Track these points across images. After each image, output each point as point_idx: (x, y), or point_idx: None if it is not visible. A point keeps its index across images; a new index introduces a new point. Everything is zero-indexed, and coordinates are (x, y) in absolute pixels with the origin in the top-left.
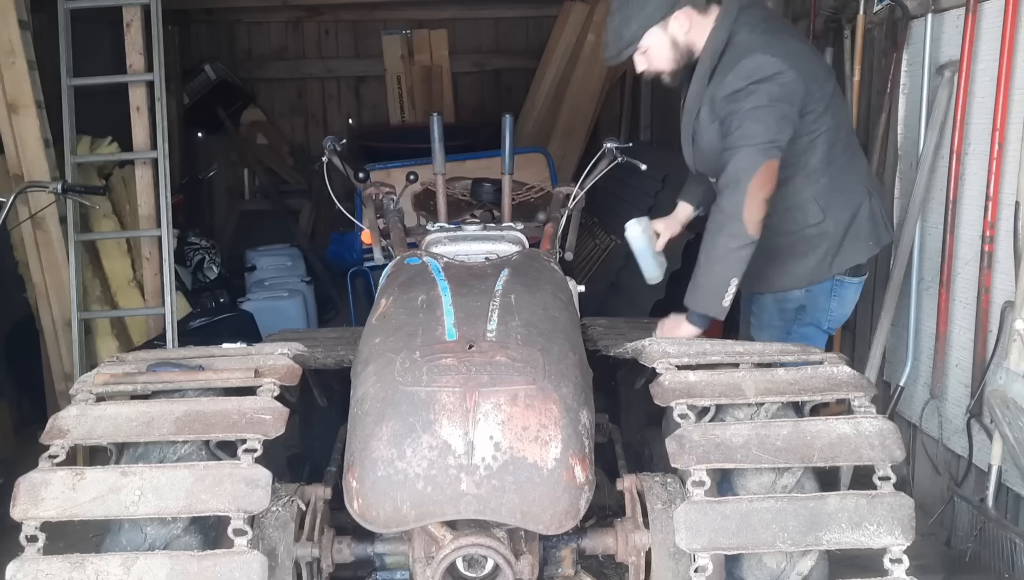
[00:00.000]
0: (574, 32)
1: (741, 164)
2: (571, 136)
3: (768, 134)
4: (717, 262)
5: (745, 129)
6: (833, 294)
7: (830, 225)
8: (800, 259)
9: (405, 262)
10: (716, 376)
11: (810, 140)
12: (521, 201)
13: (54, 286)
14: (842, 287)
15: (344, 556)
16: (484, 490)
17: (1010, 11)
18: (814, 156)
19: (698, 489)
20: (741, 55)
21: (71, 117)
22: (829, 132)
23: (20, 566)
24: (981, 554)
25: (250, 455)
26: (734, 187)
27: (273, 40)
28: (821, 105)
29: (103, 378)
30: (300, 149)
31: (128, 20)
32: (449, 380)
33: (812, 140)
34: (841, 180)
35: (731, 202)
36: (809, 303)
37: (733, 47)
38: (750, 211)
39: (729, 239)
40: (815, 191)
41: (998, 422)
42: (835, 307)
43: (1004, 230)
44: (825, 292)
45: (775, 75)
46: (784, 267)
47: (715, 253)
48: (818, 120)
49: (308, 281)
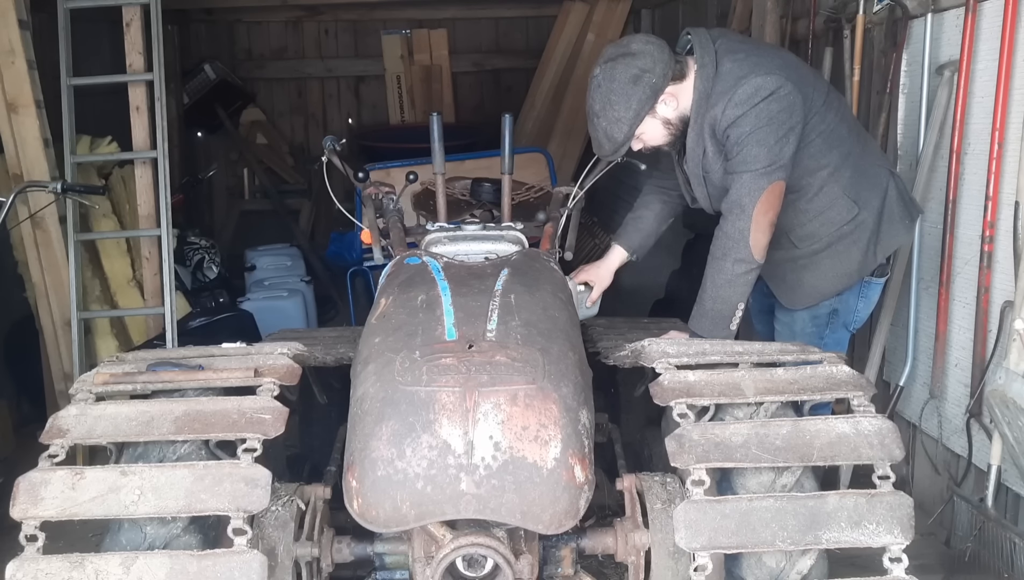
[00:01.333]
0: (574, 32)
1: (744, 188)
2: (571, 136)
3: (770, 156)
4: (723, 288)
5: (746, 154)
6: (860, 295)
7: (865, 215)
8: (844, 259)
9: (405, 262)
10: (715, 376)
11: (823, 140)
12: (521, 201)
13: (54, 286)
14: (868, 288)
15: (344, 556)
16: (484, 490)
17: (1010, 11)
18: (832, 153)
19: (698, 488)
20: (733, 83)
21: (71, 117)
22: (837, 126)
23: (20, 565)
24: (980, 554)
25: (250, 455)
26: (739, 213)
27: (273, 40)
28: (820, 103)
29: (103, 378)
30: (300, 149)
31: (128, 20)
32: (449, 380)
33: (825, 139)
34: (863, 168)
35: (735, 227)
36: (841, 306)
37: (721, 78)
38: (755, 236)
39: (735, 264)
40: (843, 186)
41: (997, 422)
42: (861, 308)
43: (1004, 230)
44: (854, 293)
45: (773, 92)
46: (832, 272)
47: (720, 278)
48: (824, 119)
49: (308, 281)
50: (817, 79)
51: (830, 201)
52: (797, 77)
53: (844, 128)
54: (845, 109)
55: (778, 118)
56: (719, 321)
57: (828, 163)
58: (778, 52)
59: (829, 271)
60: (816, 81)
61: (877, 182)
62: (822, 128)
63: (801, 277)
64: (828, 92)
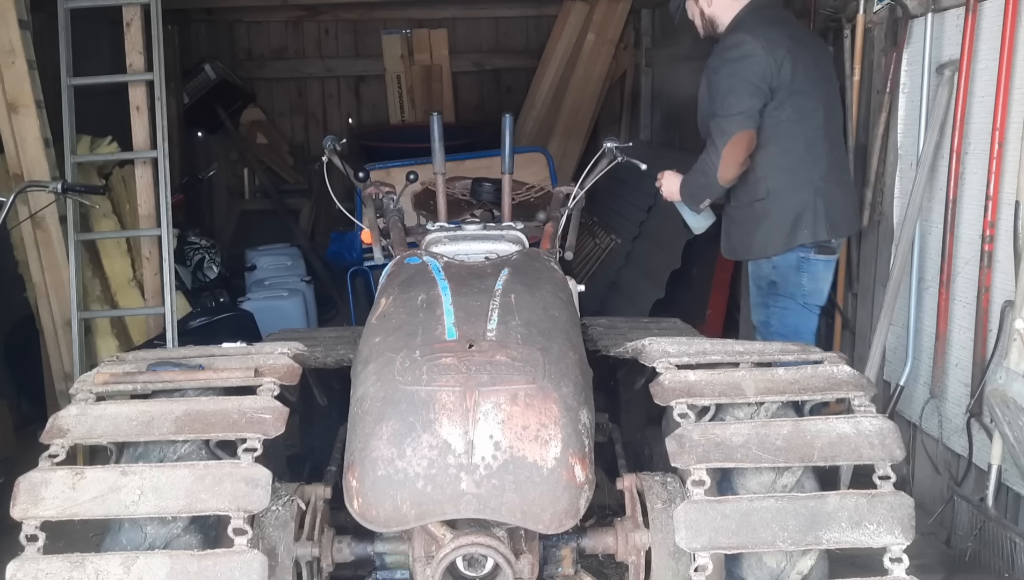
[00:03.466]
0: (574, 32)
1: (718, 130)
2: (571, 136)
3: (740, 106)
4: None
5: (721, 101)
6: (801, 270)
7: (772, 206)
8: (752, 231)
9: (405, 261)
10: (716, 375)
11: (772, 126)
12: (521, 201)
13: (54, 286)
14: (809, 263)
15: (344, 555)
16: (484, 489)
17: (1010, 11)
18: (773, 144)
19: (698, 488)
20: (727, 33)
21: (71, 117)
22: (790, 126)
23: (20, 565)
24: (981, 553)
25: (250, 454)
26: (713, 150)
27: (273, 40)
28: (785, 94)
29: (103, 378)
30: (300, 149)
31: (128, 20)
32: (449, 379)
33: (774, 126)
34: (794, 171)
35: (709, 160)
36: (779, 278)
37: (730, 28)
38: (723, 171)
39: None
40: (767, 172)
41: (998, 421)
42: (807, 283)
43: (1004, 230)
44: (792, 267)
45: (747, 54)
46: (744, 236)
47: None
48: (779, 110)
49: (308, 281)
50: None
51: (752, 178)
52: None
53: (798, 130)
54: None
55: (744, 74)
56: (691, 201)
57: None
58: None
59: (741, 234)
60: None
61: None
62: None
63: (729, 230)
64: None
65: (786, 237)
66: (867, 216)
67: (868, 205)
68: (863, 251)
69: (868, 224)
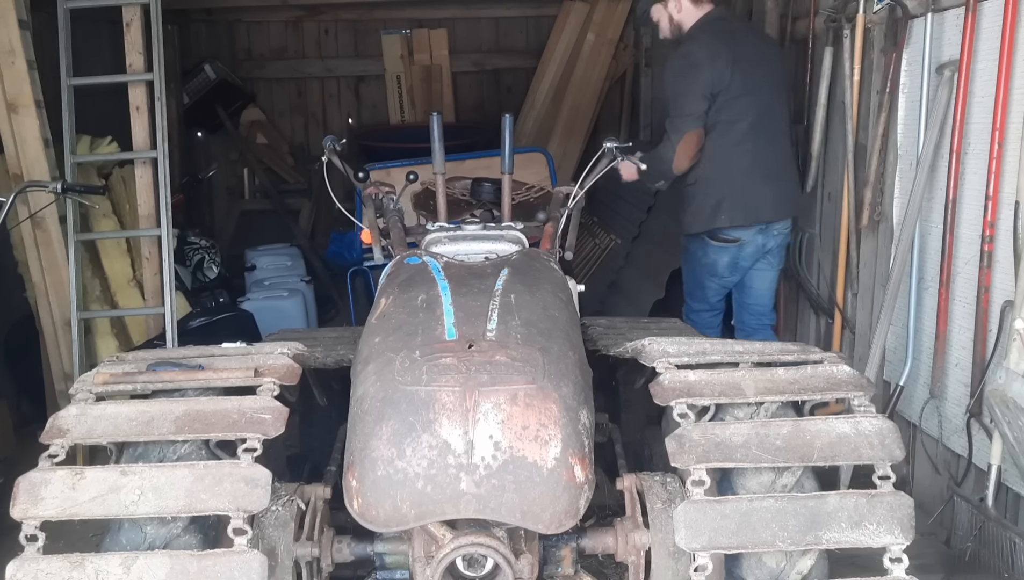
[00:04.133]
0: (574, 32)
1: (671, 127)
2: (571, 136)
3: (690, 108)
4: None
5: (674, 102)
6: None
7: (698, 192)
8: (682, 210)
9: (405, 262)
10: (716, 375)
11: (710, 126)
12: (521, 201)
13: (54, 286)
14: (705, 245)
15: (344, 555)
16: (484, 489)
17: (1010, 11)
18: (708, 140)
19: (698, 488)
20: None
21: (71, 117)
22: (725, 125)
23: (20, 565)
24: (981, 553)
25: (250, 454)
26: (668, 145)
27: (273, 40)
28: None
29: (103, 378)
30: (300, 149)
31: (128, 20)
32: (449, 379)
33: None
34: (719, 164)
35: (665, 153)
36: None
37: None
38: (677, 162)
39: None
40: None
41: (998, 421)
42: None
43: (1004, 230)
44: (699, 245)
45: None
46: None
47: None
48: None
49: (308, 281)
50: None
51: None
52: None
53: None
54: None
55: (691, 82)
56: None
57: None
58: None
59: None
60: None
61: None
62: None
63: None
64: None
65: (706, 219)
66: (867, 216)
67: (868, 205)
68: (863, 251)
69: (868, 224)
